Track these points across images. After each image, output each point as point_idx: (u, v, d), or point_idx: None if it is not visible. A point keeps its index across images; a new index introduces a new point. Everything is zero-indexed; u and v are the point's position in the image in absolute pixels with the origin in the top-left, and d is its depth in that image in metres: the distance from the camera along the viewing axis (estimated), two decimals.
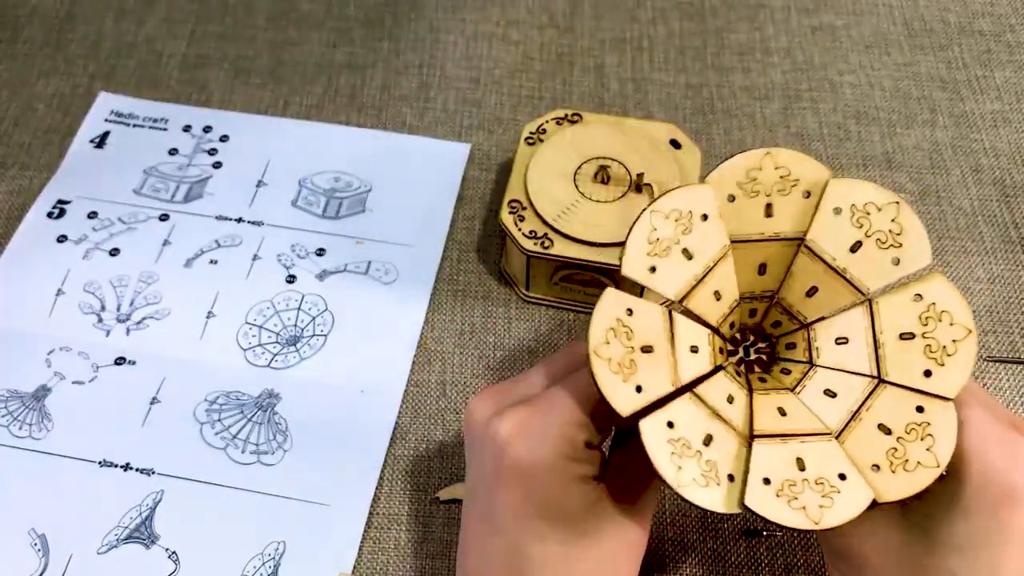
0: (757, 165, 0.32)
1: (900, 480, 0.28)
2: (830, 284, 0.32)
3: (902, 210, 0.31)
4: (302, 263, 0.52)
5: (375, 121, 0.58)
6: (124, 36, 0.63)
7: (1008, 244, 0.53)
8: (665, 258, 0.31)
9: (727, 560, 0.42)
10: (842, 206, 0.32)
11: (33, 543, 0.42)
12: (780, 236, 0.32)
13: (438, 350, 0.49)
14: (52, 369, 0.47)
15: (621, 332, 0.30)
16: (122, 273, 0.51)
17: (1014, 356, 0.48)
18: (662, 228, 0.31)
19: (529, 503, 0.32)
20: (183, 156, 0.56)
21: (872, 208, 0.31)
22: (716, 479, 0.29)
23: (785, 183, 0.32)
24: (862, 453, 0.30)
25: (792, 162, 0.32)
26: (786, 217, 0.32)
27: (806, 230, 0.32)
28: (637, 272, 0.31)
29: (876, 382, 0.31)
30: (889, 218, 0.31)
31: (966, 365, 0.29)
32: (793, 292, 0.33)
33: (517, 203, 0.47)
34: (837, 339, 0.32)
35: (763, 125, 0.58)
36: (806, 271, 0.32)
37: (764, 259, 0.33)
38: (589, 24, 0.64)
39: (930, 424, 0.29)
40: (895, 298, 0.31)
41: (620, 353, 0.30)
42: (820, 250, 0.32)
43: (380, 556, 0.42)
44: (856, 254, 0.31)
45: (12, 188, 0.55)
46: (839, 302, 0.32)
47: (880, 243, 0.31)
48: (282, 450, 0.45)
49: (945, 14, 0.64)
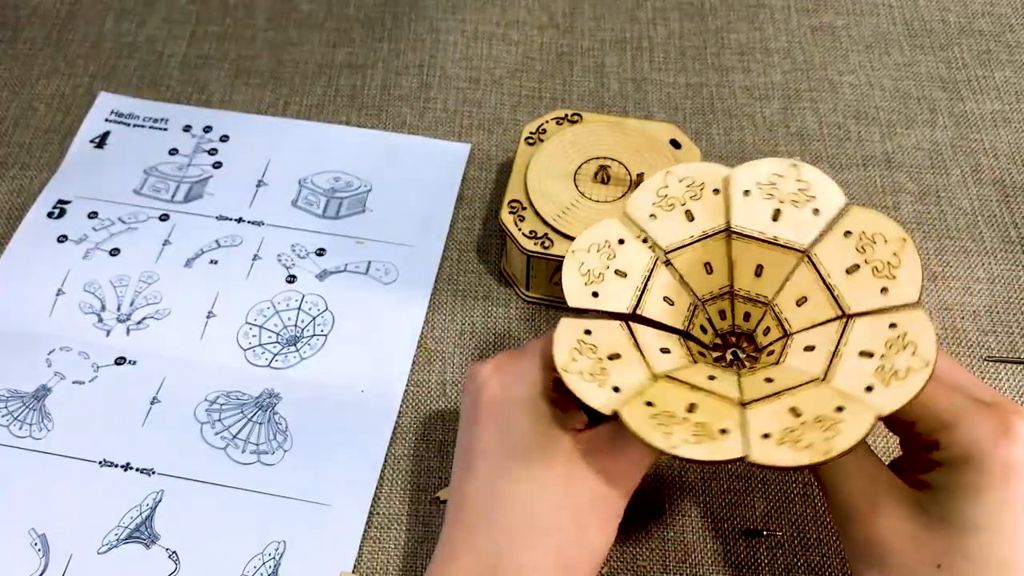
0: (781, 173, 0.34)
1: (896, 390, 0.29)
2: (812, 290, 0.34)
3: (906, 249, 0.32)
4: (302, 263, 0.52)
5: (375, 121, 0.58)
6: (124, 36, 0.63)
7: (1008, 244, 0.53)
8: (602, 283, 0.34)
9: (727, 560, 0.42)
10: (852, 231, 0.33)
11: (33, 543, 0.42)
12: (779, 241, 0.34)
13: (438, 350, 0.49)
14: (52, 369, 0.47)
15: (585, 349, 0.32)
16: (122, 273, 0.51)
17: (1014, 356, 0.48)
18: (589, 261, 0.34)
19: (502, 440, 0.33)
20: (183, 156, 0.56)
21: (880, 240, 0.33)
22: (710, 435, 0.29)
23: (802, 192, 0.34)
24: (853, 382, 0.30)
25: (817, 184, 0.34)
26: (790, 227, 0.34)
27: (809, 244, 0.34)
28: (582, 302, 0.33)
29: (844, 319, 0.32)
30: (892, 253, 0.32)
31: (914, 268, 0.31)
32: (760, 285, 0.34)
33: (517, 203, 0.47)
34: (797, 301, 0.33)
35: (763, 125, 0.58)
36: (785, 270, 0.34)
37: (760, 260, 0.34)
38: (589, 24, 0.64)
39: (907, 333, 0.30)
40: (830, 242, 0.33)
41: (589, 364, 0.31)
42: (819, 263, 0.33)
43: (380, 556, 0.42)
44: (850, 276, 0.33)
45: (12, 188, 0.55)
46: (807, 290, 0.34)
47: (876, 272, 0.32)
48: (282, 450, 0.45)
49: (945, 14, 0.64)
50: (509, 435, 0.34)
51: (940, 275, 0.51)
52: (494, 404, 0.34)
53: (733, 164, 0.53)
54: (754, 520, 0.43)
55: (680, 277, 0.35)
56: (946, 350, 0.48)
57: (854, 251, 0.33)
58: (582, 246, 0.35)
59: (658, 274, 0.35)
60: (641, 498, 0.36)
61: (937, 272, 0.51)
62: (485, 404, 0.34)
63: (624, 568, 0.42)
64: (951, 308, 0.50)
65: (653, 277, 0.35)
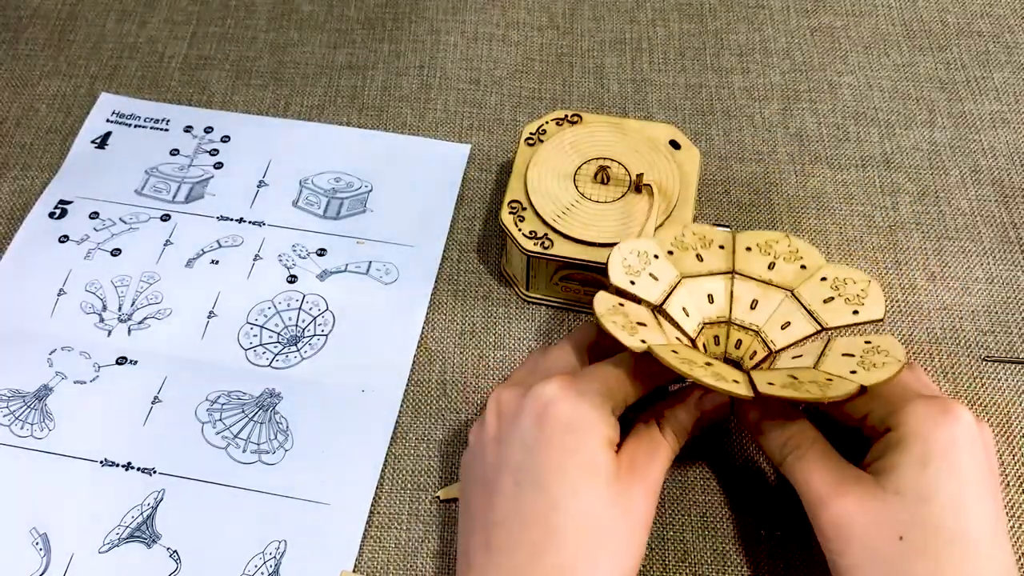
0: (774, 240, 0.43)
1: (876, 373, 0.35)
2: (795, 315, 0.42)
3: (872, 286, 0.41)
4: (303, 263, 0.52)
5: (376, 122, 0.59)
6: (126, 37, 0.63)
7: (1007, 244, 0.53)
8: (638, 277, 0.41)
9: (727, 560, 0.42)
10: (828, 277, 0.42)
11: (35, 542, 0.42)
12: (772, 283, 0.42)
13: (438, 350, 0.49)
14: (54, 369, 0.47)
15: (618, 312, 0.38)
16: (124, 273, 0.51)
17: (1013, 356, 0.48)
18: (630, 259, 0.41)
19: (570, 458, 0.35)
20: (184, 156, 0.56)
21: (844, 285, 0.41)
22: (726, 380, 0.35)
23: (793, 252, 0.43)
24: (839, 369, 0.37)
25: (804, 249, 0.43)
26: (782, 274, 0.42)
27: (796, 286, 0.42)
28: (621, 282, 0.40)
29: (825, 334, 0.40)
30: (860, 289, 0.41)
31: (879, 296, 0.40)
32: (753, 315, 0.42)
33: (517, 203, 0.48)
34: (782, 326, 0.41)
35: (762, 126, 0.58)
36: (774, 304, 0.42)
37: (755, 296, 0.42)
38: (589, 25, 0.64)
39: (879, 345, 0.37)
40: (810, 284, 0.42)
41: (622, 320, 0.37)
42: (801, 297, 0.41)
43: (381, 555, 0.42)
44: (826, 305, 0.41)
45: (14, 188, 0.55)
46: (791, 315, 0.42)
47: (846, 301, 0.40)
48: (283, 449, 0.45)
49: (944, 15, 0.64)
50: (577, 454, 0.35)
51: (939, 275, 0.51)
52: (563, 424, 0.35)
53: (733, 164, 0.57)
54: (754, 520, 0.43)
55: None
56: (943, 350, 0.49)
57: (829, 288, 0.41)
58: (627, 247, 0.42)
59: (679, 290, 0.41)
60: None
61: (936, 272, 0.52)
62: (553, 424, 0.35)
63: None
64: (950, 308, 0.50)
65: (676, 290, 0.41)
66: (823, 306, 0.40)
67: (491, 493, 0.36)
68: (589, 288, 0.48)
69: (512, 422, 0.37)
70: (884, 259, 0.52)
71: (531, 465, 0.35)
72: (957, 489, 0.33)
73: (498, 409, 0.38)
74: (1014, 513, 0.43)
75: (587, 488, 0.35)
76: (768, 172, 0.56)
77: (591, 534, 0.34)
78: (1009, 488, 0.44)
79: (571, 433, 0.35)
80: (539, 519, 0.34)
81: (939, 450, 0.34)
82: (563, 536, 0.34)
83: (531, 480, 0.35)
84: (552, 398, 0.36)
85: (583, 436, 0.35)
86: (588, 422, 0.35)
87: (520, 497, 0.35)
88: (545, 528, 0.34)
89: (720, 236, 0.44)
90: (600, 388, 0.36)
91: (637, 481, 0.36)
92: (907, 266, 0.52)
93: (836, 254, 0.52)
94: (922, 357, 0.48)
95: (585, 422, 0.35)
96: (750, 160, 0.56)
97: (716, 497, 0.44)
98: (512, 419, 0.37)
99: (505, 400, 0.38)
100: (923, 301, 0.50)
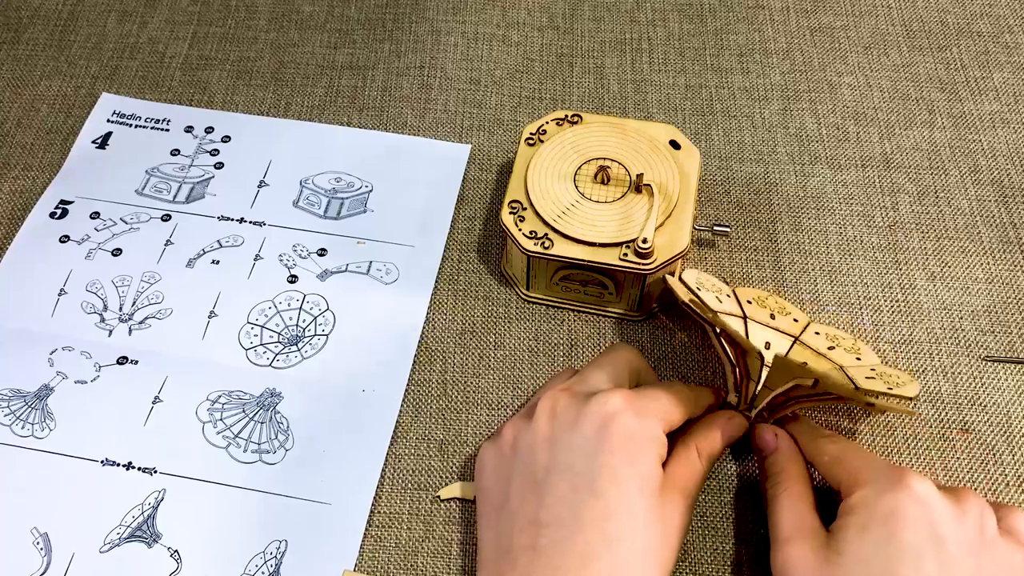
0: (764, 296, 0.49)
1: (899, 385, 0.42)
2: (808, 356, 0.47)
3: (859, 341, 0.48)
4: (304, 263, 0.52)
5: (376, 122, 0.59)
6: (126, 37, 0.63)
7: (1006, 244, 0.53)
8: (706, 292, 0.46)
9: (727, 560, 0.42)
10: (820, 331, 0.48)
11: (35, 542, 0.42)
12: (780, 330, 0.48)
13: (439, 349, 0.49)
14: (55, 368, 0.47)
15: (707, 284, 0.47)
16: (124, 273, 0.51)
17: (1013, 356, 0.48)
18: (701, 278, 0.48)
19: (630, 467, 0.37)
20: (185, 156, 0.57)
21: (838, 338, 0.48)
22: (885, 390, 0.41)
23: (782, 308, 0.49)
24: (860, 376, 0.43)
25: (787, 304, 0.49)
26: (783, 324, 0.48)
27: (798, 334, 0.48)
28: (692, 282, 0.46)
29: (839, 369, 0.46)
30: (850, 344, 0.47)
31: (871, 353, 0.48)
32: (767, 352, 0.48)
33: (517, 203, 0.48)
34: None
35: (762, 126, 0.58)
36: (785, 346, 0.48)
37: (767, 339, 0.47)
38: (589, 25, 0.64)
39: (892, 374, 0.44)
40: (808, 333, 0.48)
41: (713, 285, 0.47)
42: (807, 343, 0.47)
43: (381, 555, 0.42)
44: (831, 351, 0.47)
45: (15, 188, 0.55)
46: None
47: (845, 350, 0.47)
48: (284, 449, 0.45)
49: (944, 15, 0.64)
50: (636, 464, 0.37)
51: (939, 275, 0.52)
52: (627, 435, 0.37)
53: (733, 164, 0.59)
54: (754, 520, 0.43)
55: None
56: (944, 351, 0.49)
57: (826, 340, 0.47)
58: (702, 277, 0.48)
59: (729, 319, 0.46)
60: None
61: (936, 272, 0.52)
62: (618, 434, 0.37)
63: None
64: (950, 308, 0.50)
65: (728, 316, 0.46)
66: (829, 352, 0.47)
67: (541, 494, 0.37)
68: (589, 288, 0.48)
69: (571, 427, 0.38)
70: (884, 259, 0.52)
71: (589, 471, 0.36)
72: (890, 558, 0.34)
73: (553, 411, 0.39)
74: None
75: (640, 499, 0.36)
76: (768, 172, 0.56)
77: (639, 543, 0.36)
78: (1009, 488, 0.44)
79: (633, 445, 0.37)
80: (595, 525, 0.35)
81: (880, 518, 0.35)
82: (615, 543, 0.35)
83: (588, 485, 0.36)
84: (618, 409, 0.37)
85: (643, 449, 0.37)
86: (648, 436, 0.37)
87: (576, 501, 0.36)
88: (599, 534, 0.35)
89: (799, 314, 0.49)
90: (658, 408, 0.39)
91: (679, 496, 0.38)
92: (907, 266, 0.52)
93: (836, 254, 0.52)
94: (922, 357, 0.48)
95: (645, 436, 0.37)
96: (750, 160, 0.57)
97: (716, 497, 0.44)
98: (571, 423, 0.38)
99: (563, 404, 0.39)
100: (923, 301, 0.51)
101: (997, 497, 0.44)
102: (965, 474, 0.45)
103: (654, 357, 0.48)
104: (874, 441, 0.45)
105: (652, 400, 0.39)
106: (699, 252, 0.52)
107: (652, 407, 0.39)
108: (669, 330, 0.50)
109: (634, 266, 0.45)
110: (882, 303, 0.50)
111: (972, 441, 0.46)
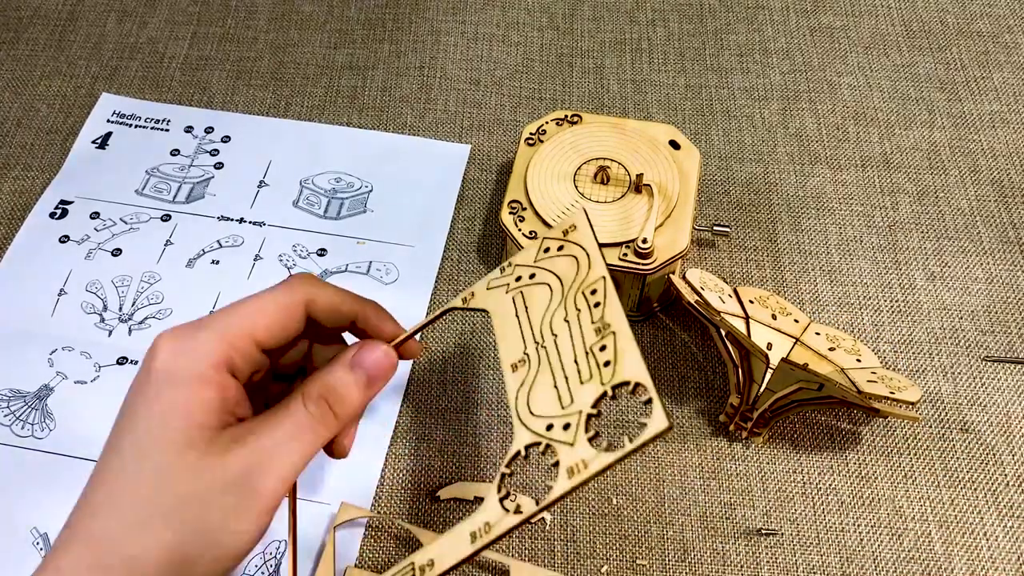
0: (765, 296, 0.49)
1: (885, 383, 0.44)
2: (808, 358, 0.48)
3: (859, 342, 0.48)
4: (303, 263, 0.52)
5: (376, 122, 0.59)
6: (126, 37, 0.63)
7: (1006, 244, 0.53)
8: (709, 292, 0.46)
9: (727, 560, 0.42)
10: (820, 332, 0.48)
11: (35, 542, 0.42)
12: (782, 330, 0.48)
13: (438, 350, 0.49)
14: (54, 369, 0.47)
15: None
16: (124, 273, 0.51)
17: (1012, 356, 0.48)
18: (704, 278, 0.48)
19: (171, 417, 0.30)
20: (185, 156, 0.57)
21: (839, 339, 0.48)
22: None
23: (783, 309, 0.49)
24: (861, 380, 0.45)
25: (788, 305, 0.50)
26: (784, 325, 0.48)
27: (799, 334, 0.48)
28: (696, 281, 0.46)
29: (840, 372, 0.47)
30: (850, 345, 0.48)
31: (871, 354, 0.48)
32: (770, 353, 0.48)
33: (517, 203, 0.48)
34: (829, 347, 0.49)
35: (762, 126, 0.58)
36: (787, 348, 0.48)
37: (769, 339, 0.47)
38: (589, 26, 0.64)
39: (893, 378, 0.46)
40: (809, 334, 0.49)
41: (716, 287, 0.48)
42: (808, 343, 0.48)
43: (382, 555, 0.42)
44: (832, 352, 0.47)
45: (15, 188, 0.55)
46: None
47: (845, 351, 0.47)
48: None
49: (943, 15, 0.64)
50: (164, 412, 0.30)
51: (939, 275, 0.52)
52: (160, 375, 0.30)
53: (733, 164, 0.58)
54: (754, 520, 0.43)
55: None
56: (944, 350, 0.49)
57: (826, 341, 0.48)
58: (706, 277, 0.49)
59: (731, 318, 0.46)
60: None
61: (936, 272, 0.52)
62: (150, 374, 0.31)
63: (624, 567, 0.42)
64: (949, 308, 0.50)
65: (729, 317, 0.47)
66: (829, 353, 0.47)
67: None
68: None
69: None
70: (884, 259, 0.52)
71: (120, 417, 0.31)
72: None
73: None
74: (1014, 513, 0.43)
75: (160, 454, 0.30)
76: (768, 172, 0.56)
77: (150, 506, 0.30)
78: (1009, 488, 0.44)
79: (167, 389, 0.30)
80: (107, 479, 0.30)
81: None
82: (121, 502, 0.30)
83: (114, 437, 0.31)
84: (157, 345, 0.31)
85: (178, 394, 0.30)
86: (189, 380, 0.31)
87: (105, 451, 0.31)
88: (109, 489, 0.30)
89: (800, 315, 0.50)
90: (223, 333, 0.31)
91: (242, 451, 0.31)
92: (907, 266, 0.52)
93: (836, 254, 0.52)
94: (922, 357, 0.48)
95: (186, 379, 0.31)
96: (750, 160, 0.57)
97: (716, 497, 0.44)
98: None
99: None
100: (923, 301, 0.51)
101: (997, 497, 0.44)
102: (965, 474, 0.45)
103: (654, 357, 0.48)
104: (874, 441, 0.45)
105: (204, 330, 0.31)
106: (699, 252, 0.52)
107: (201, 337, 0.31)
108: (669, 330, 0.50)
109: (634, 266, 0.45)
110: (882, 303, 0.50)
111: (972, 441, 0.46)
